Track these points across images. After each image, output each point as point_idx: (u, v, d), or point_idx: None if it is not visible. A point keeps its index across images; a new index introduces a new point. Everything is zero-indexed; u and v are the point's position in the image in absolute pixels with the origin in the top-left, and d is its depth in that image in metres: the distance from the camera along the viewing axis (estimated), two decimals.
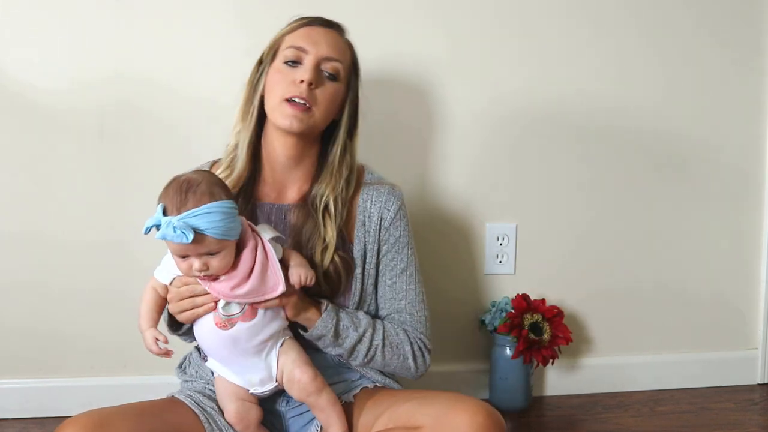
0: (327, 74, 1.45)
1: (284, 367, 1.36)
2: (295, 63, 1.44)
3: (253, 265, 1.30)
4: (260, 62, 1.51)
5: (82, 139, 1.85)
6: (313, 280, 1.36)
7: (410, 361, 1.48)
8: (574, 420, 1.95)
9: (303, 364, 1.36)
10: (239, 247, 1.31)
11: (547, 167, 2.03)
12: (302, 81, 1.41)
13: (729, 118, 2.10)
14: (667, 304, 2.13)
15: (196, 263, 1.27)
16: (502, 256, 2.04)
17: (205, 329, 1.34)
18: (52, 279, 1.88)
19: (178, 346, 1.56)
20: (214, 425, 1.35)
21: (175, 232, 1.22)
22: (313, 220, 1.44)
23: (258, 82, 1.49)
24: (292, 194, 1.50)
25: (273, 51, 1.48)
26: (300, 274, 1.35)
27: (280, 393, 1.44)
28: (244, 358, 1.34)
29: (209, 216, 1.24)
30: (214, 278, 1.30)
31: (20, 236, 1.86)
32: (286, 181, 1.50)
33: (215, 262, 1.28)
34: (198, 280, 1.31)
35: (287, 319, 1.37)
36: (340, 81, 1.47)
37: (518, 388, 1.97)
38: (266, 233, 1.35)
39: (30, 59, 1.82)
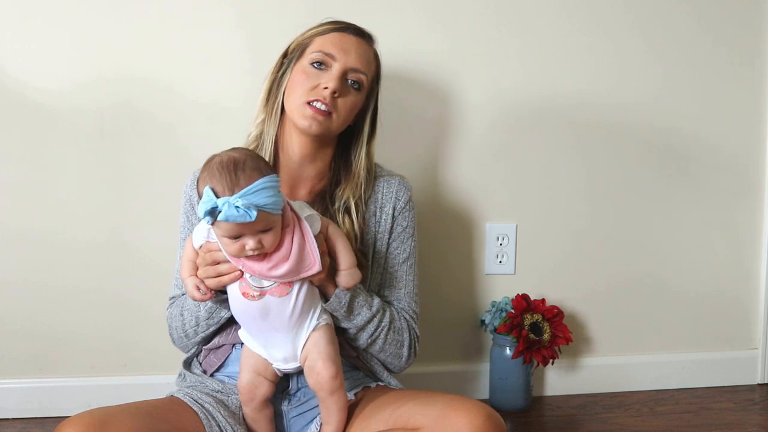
0: (351, 83, 1.47)
1: (309, 353, 1.34)
2: (321, 65, 1.45)
3: (292, 244, 1.29)
4: (285, 55, 1.52)
5: (82, 139, 1.85)
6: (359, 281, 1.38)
7: (405, 349, 1.51)
8: (574, 420, 1.95)
9: (328, 358, 1.34)
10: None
11: (547, 167, 2.03)
12: (326, 88, 1.43)
13: (729, 118, 2.10)
14: (667, 304, 2.13)
15: (251, 242, 1.25)
16: (502, 256, 2.04)
17: (234, 298, 1.33)
18: (52, 279, 1.88)
19: (177, 357, 1.58)
20: (213, 422, 1.35)
21: (238, 211, 1.20)
22: (329, 216, 1.46)
23: (282, 75, 1.50)
24: (304, 192, 1.53)
25: (301, 48, 1.49)
26: (349, 283, 1.36)
27: (281, 393, 1.44)
28: (272, 332, 1.33)
29: (265, 192, 1.23)
30: (255, 258, 1.28)
31: (20, 236, 1.86)
32: (298, 178, 1.53)
33: (269, 239, 1.26)
34: (230, 259, 1.29)
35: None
36: (362, 91, 1.50)
37: (518, 388, 1.97)
38: (303, 210, 1.34)
39: (31, 59, 1.82)
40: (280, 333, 1.33)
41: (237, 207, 1.20)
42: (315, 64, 1.45)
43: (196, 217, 1.49)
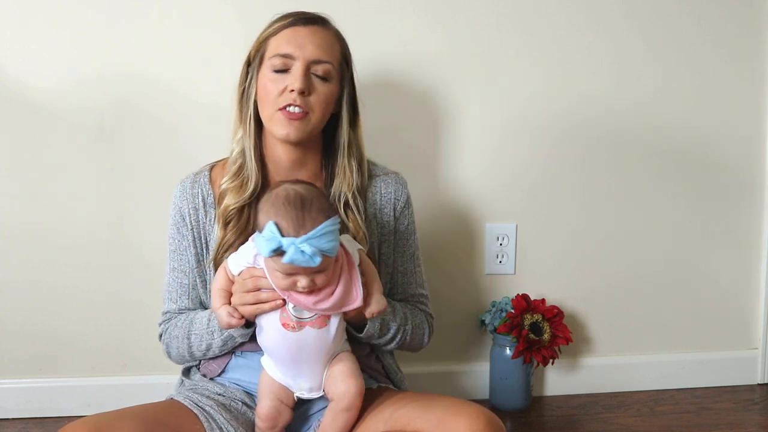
0: (318, 76, 1.42)
1: (336, 371, 1.33)
2: (283, 71, 1.41)
3: (339, 279, 1.28)
4: (248, 63, 1.48)
5: (82, 139, 1.85)
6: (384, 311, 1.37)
7: (425, 337, 1.55)
8: (574, 420, 1.95)
9: (355, 374, 1.33)
10: None
11: (547, 167, 2.03)
12: (293, 90, 1.38)
13: (729, 118, 2.10)
14: (667, 304, 2.13)
15: (303, 281, 1.23)
16: (502, 256, 2.04)
17: (271, 328, 1.31)
18: (52, 279, 1.88)
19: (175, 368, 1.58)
20: (213, 424, 1.35)
21: (304, 256, 1.19)
22: None
23: (249, 86, 1.46)
24: None
25: (260, 55, 1.45)
26: (375, 312, 1.33)
27: None
28: (304, 364, 1.31)
29: (328, 236, 1.21)
30: (305, 292, 1.26)
31: (20, 236, 1.86)
32: None
33: (322, 278, 1.25)
34: (277, 290, 1.27)
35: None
36: (333, 80, 1.44)
37: (518, 388, 1.97)
38: (349, 244, 1.33)
39: (31, 59, 1.82)
40: (312, 364, 1.32)
41: (303, 251, 1.19)
42: (275, 71, 1.41)
43: (187, 228, 1.49)
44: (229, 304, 1.32)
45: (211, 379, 1.48)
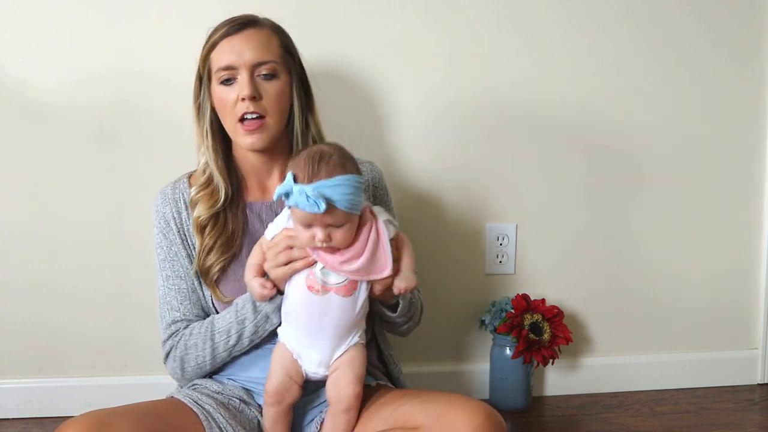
0: (264, 76, 1.44)
1: (340, 366, 1.35)
2: (229, 80, 1.44)
3: (367, 243, 1.31)
4: (199, 78, 1.51)
5: (82, 139, 1.85)
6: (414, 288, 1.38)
7: (418, 320, 1.56)
8: (574, 420, 1.95)
9: (357, 377, 1.34)
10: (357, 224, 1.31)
11: (547, 167, 2.03)
12: (244, 99, 1.42)
13: (729, 118, 2.10)
14: (667, 304, 2.13)
15: (320, 233, 1.27)
16: (502, 256, 2.04)
17: (296, 291, 1.33)
18: (52, 278, 1.88)
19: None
20: (213, 424, 1.35)
21: (308, 200, 1.23)
22: None
23: (203, 101, 1.50)
24: (276, 188, 1.52)
25: (207, 70, 1.48)
26: (402, 288, 1.34)
27: None
28: (320, 333, 1.33)
29: (341, 188, 1.25)
30: (330, 250, 1.29)
31: (20, 235, 1.86)
32: (265, 180, 1.54)
33: (339, 235, 1.28)
34: (308, 249, 1.31)
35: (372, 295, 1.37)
36: (280, 74, 1.46)
37: (518, 388, 1.97)
38: (381, 215, 1.35)
39: (31, 59, 1.82)
40: (328, 335, 1.33)
41: (308, 196, 1.23)
42: (224, 83, 1.44)
43: (173, 232, 1.50)
44: (261, 276, 1.35)
45: (210, 376, 1.49)
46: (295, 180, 1.26)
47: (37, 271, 1.88)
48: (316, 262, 1.31)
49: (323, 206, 1.23)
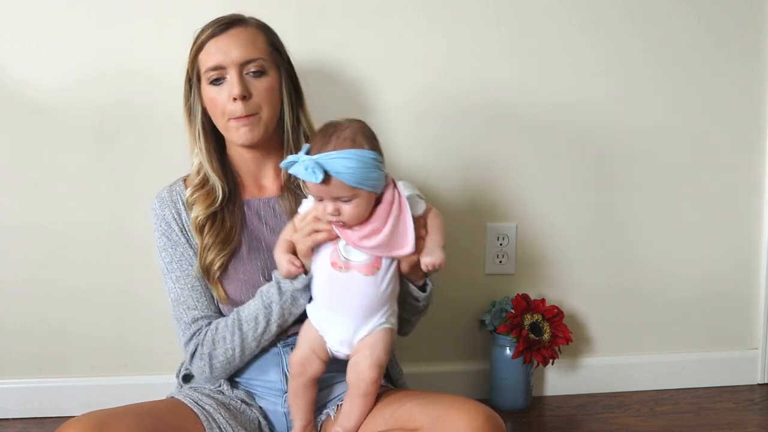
0: (253, 74, 1.45)
1: (362, 349, 1.34)
2: (219, 80, 1.45)
3: (387, 219, 1.30)
4: (189, 80, 1.52)
5: (82, 139, 1.85)
6: (443, 266, 1.35)
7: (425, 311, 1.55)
8: (574, 420, 1.95)
9: (378, 362, 1.34)
10: (378, 201, 1.31)
11: (547, 167, 2.03)
12: (235, 98, 1.43)
13: (729, 118, 2.10)
14: (667, 304, 2.13)
15: (329, 206, 1.28)
16: (502, 256, 2.04)
17: (321, 267, 1.34)
18: (52, 278, 1.88)
19: (177, 357, 1.57)
20: (214, 424, 1.35)
21: (306, 170, 1.24)
22: (300, 200, 1.46)
23: (194, 103, 1.51)
24: (272, 184, 1.55)
25: (195, 72, 1.49)
26: (428, 264, 1.32)
27: (281, 393, 1.45)
28: (343, 311, 1.33)
29: (344, 161, 1.25)
30: (347, 225, 1.30)
31: (20, 235, 1.86)
32: (261, 176, 1.55)
33: (348, 209, 1.28)
34: (329, 223, 1.32)
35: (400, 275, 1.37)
36: (269, 71, 1.47)
37: (518, 388, 1.97)
38: (406, 190, 1.35)
39: (31, 59, 1.82)
40: (348, 314, 1.33)
41: (306, 166, 1.24)
42: (213, 83, 1.45)
43: (176, 233, 1.50)
44: (291, 253, 1.36)
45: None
46: (308, 153, 1.28)
47: (37, 271, 1.88)
48: (339, 237, 1.32)
49: (320, 177, 1.24)
